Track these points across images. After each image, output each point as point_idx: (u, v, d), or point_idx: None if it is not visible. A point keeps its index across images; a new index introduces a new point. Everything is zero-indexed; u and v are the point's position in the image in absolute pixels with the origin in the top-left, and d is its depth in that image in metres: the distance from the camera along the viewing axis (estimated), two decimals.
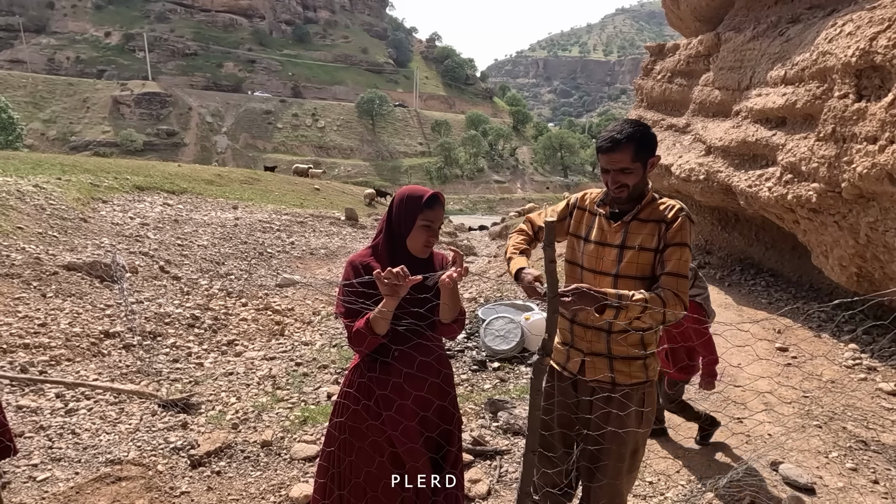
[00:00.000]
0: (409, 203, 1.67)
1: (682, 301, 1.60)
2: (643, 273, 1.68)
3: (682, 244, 1.64)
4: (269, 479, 2.92)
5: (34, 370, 4.41)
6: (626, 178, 1.66)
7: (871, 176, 3.87)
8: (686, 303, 1.61)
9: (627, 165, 1.64)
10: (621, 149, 1.63)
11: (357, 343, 1.59)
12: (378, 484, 1.66)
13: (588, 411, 1.79)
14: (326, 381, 4.64)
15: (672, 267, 1.63)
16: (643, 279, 1.68)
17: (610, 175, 1.68)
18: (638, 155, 1.64)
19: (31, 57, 66.02)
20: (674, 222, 1.66)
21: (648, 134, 1.66)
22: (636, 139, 1.63)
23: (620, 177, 1.66)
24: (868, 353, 4.59)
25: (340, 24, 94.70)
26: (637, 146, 1.63)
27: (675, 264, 1.63)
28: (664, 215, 1.68)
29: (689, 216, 1.68)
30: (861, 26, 4.19)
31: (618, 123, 1.70)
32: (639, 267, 1.68)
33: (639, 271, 1.68)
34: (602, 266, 1.73)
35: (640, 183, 1.69)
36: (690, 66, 8.10)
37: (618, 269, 1.69)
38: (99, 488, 2.72)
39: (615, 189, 1.69)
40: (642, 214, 1.71)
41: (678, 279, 1.62)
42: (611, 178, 1.68)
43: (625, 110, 60.02)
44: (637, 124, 1.67)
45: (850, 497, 2.71)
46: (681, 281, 1.62)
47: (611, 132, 1.67)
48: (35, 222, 8.01)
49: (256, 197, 17.16)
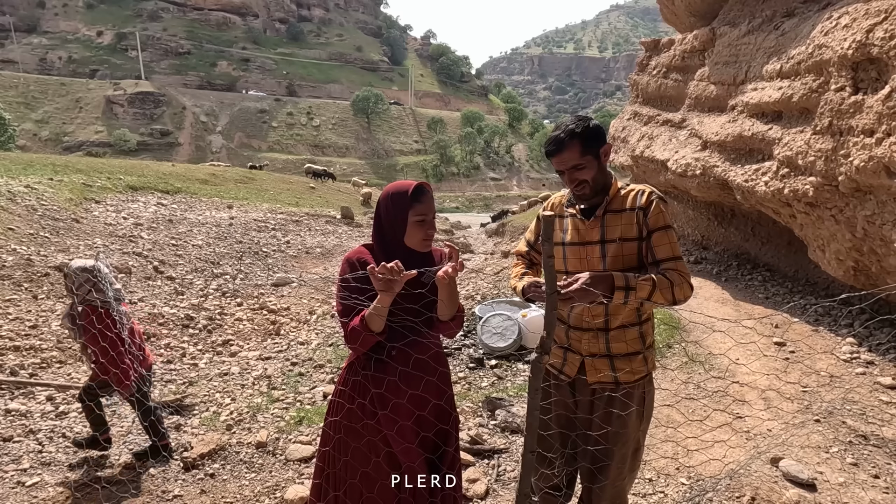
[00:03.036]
0: (396, 201, 1.61)
1: (687, 281, 1.59)
2: (630, 265, 1.66)
3: (665, 227, 1.63)
4: (264, 481, 2.87)
5: (24, 373, 4.34)
6: (581, 174, 1.64)
7: (868, 169, 3.85)
8: (691, 282, 1.60)
9: (578, 162, 1.62)
10: (567, 147, 1.61)
11: (353, 341, 1.54)
12: (374, 485, 1.62)
13: (588, 412, 1.75)
14: (322, 381, 4.59)
15: (665, 251, 1.62)
16: (632, 270, 1.65)
17: (566, 175, 1.66)
18: (586, 149, 1.62)
19: (23, 57, 65.39)
20: (650, 207, 1.64)
21: (591, 126, 1.63)
22: (578, 134, 1.61)
23: (576, 174, 1.64)
24: (866, 346, 4.58)
25: (335, 22, 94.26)
26: (582, 140, 1.61)
27: (667, 248, 1.62)
28: (638, 202, 1.66)
29: (661, 198, 1.67)
30: (857, 18, 4.17)
31: (560, 123, 1.68)
32: (625, 259, 1.65)
33: (626, 263, 1.65)
34: (588, 265, 1.69)
35: (598, 175, 1.66)
36: (686, 61, 8.08)
37: (604, 265, 1.66)
38: (89, 493, 2.67)
39: (575, 188, 1.67)
40: (614, 205, 1.68)
41: (676, 261, 1.61)
42: (567, 178, 1.67)
43: (620, 107, 59.97)
44: (578, 119, 1.65)
45: (851, 492, 2.69)
46: (679, 263, 1.61)
47: (554, 132, 1.66)
48: (26, 223, 7.92)
49: (251, 196, 17.06)
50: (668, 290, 1.54)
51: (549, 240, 1.49)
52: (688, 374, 4.23)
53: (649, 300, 1.55)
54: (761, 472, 2.84)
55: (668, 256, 1.61)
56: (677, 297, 1.55)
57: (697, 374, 4.18)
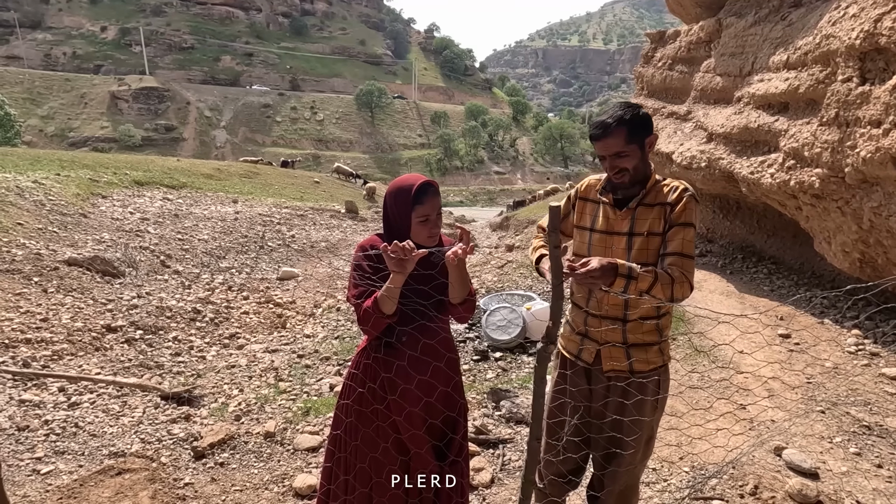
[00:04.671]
0: (400, 201, 1.63)
1: (688, 280, 1.56)
2: (655, 260, 1.64)
3: (686, 224, 1.61)
4: (273, 470, 2.92)
5: (36, 365, 4.41)
6: (623, 161, 1.61)
7: (875, 160, 3.83)
8: (692, 283, 1.58)
9: (622, 149, 1.60)
10: (613, 133, 1.59)
11: (365, 322, 1.57)
12: (382, 469, 1.65)
13: (603, 400, 1.76)
14: (328, 373, 4.64)
15: (676, 246, 1.60)
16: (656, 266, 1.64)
17: (607, 161, 1.64)
18: (632, 137, 1.60)
19: (28, 53, 65.57)
20: (678, 203, 1.62)
21: (640, 114, 1.61)
22: (626, 121, 1.58)
23: (617, 161, 1.62)
24: (871, 338, 4.57)
25: (338, 15, 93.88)
26: (629, 128, 1.59)
27: (679, 244, 1.60)
28: (669, 197, 1.64)
29: (693, 196, 1.64)
30: (865, 8, 4.13)
31: (608, 108, 1.65)
32: (650, 253, 1.63)
33: (651, 258, 1.63)
34: (612, 255, 1.66)
35: (640, 165, 1.64)
36: (691, 52, 8.02)
37: (629, 257, 1.65)
38: (102, 480, 2.72)
39: (615, 175, 1.65)
40: (648, 199, 1.66)
41: (683, 259, 1.58)
42: (608, 165, 1.64)
43: (625, 99, 59.48)
44: (627, 106, 1.63)
45: (853, 481, 2.71)
46: (685, 261, 1.58)
47: (601, 117, 1.63)
48: (35, 218, 7.99)
49: (256, 191, 17.13)
50: (668, 287, 1.53)
51: (555, 230, 1.50)
52: (692, 365, 4.24)
53: (648, 293, 1.53)
54: (764, 460, 2.86)
55: (677, 251, 1.59)
56: (675, 295, 1.54)
57: (702, 366, 4.20)
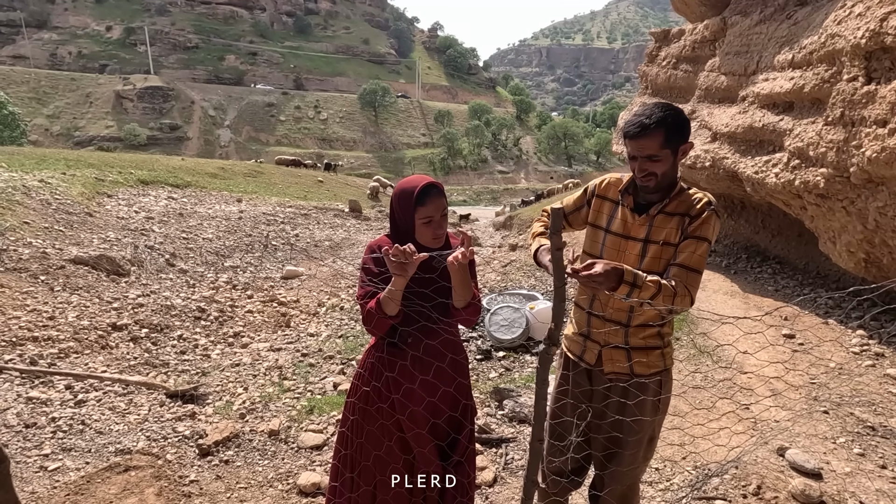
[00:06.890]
0: (403, 202, 1.64)
1: (690, 295, 1.52)
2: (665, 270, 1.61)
3: (700, 238, 1.55)
4: (277, 468, 2.95)
5: (43, 363, 4.45)
6: (654, 165, 1.56)
7: (880, 160, 3.82)
8: (694, 298, 1.54)
9: (656, 152, 1.54)
10: (650, 134, 1.53)
11: (368, 322, 1.59)
12: (386, 468, 1.67)
13: (604, 402, 1.76)
14: (332, 372, 4.66)
15: (685, 259, 1.55)
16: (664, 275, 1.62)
17: (637, 162, 1.58)
18: (668, 141, 1.54)
19: (34, 52, 65.98)
20: (699, 216, 1.57)
21: (681, 119, 1.55)
22: (666, 124, 1.52)
23: (648, 164, 1.56)
24: (876, 338, 4.56)
25: (342, 14, 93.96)
26: (667, 132, 1.53)
27: (688, 257, 1.55)
28: (691, 209, 1.59)
29: (716, 211, 1.58)
30: (871, 7, 4.11)
31: (647, 107, 1.57)
32: (662, 263, 1.60)
33: (662, 268, 1.60)
34: (624, 260, 1.63)
35: (669, 171, 1.58)
36: (696, 51, 8.00)
37: (641, 264, 1.60)
38: (109, 477, 2.75)
39: (642, 177, 1.59)
40: (669, 207, 1.61)
41: (688, 273, 1.54)
42: (638, 166, 1.59)
43: (629, 98, 59.51)
44: (668, 108, 1.56)
45: (857, 482, 2.70)
46: (691, 274, 1.54)
47: (639, 116, 1.55)
48: (41, 217, 8.05)
49: (260, 190, 17.17)
50: (670, 299, 1.49)
51: (557, 232, 1.49)
52: (695, 365, 4.24)
53: (649, 303, 1.50)
54: (767, 461, 2.86)
55: (684, 264, 1.55)
56: (675, 307, 1.51)
57: (705, 366, 4.19)
